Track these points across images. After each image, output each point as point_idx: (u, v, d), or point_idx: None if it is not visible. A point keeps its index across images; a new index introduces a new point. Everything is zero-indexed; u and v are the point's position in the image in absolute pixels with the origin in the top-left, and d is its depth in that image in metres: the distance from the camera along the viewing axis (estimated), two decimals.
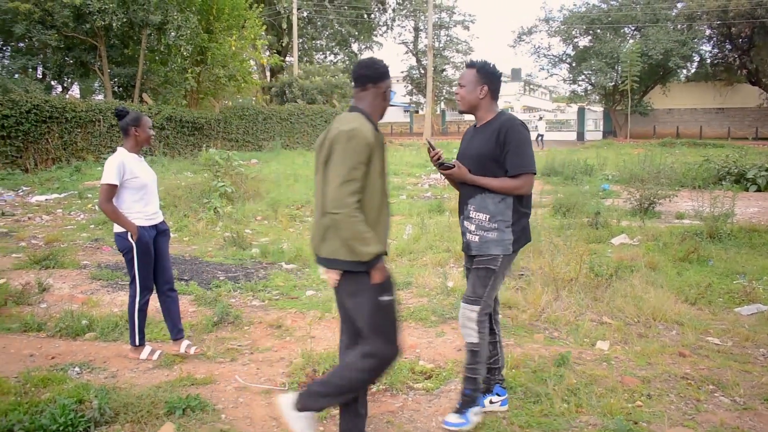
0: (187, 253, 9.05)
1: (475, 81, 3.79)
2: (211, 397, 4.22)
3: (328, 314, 6.06)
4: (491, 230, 3.71)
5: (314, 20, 45.54)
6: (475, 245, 3.78)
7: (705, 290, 6.58)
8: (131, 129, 4.92)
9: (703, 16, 38.62)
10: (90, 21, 22.40)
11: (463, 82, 3.85)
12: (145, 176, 4.92)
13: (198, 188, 12.91)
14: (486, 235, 3.72)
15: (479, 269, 3.76)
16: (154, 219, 4.98)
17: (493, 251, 3.71)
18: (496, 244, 3.70)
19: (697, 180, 13.97)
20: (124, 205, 4.81)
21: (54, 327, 5.63)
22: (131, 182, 4.80)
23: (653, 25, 39.02)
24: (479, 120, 3.90)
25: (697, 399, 4.17)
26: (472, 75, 3.81)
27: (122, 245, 4.84)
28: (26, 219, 11.88)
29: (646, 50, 36.47)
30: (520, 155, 3.66)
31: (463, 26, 52.46)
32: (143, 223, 4.85)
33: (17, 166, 18.07)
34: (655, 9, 40.15)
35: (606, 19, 41.17)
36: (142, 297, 4.91)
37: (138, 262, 4.83)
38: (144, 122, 4.97)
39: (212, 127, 25.67)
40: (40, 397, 4.09)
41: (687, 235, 8.91)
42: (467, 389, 3.80)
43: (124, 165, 4.78)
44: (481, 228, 3.75)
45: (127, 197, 4.81)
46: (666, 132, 42.63)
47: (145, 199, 4.89)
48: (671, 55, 37.13)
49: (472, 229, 3.79)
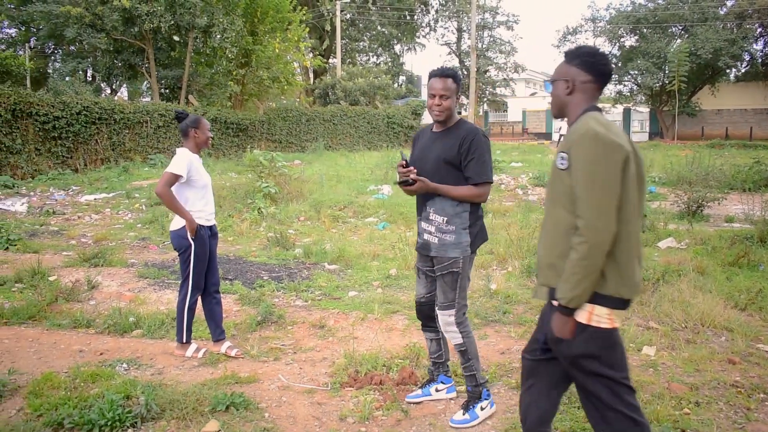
0: (231, 252, 9.16)
1: (455, 90, 3.87)
2: (255, 396, 4.26)
3: (371, 315, 6.08)
4: (449, 233, 3.83)
5: (357, 22, 45.72)
6: (434, 246, 3.88)
7: (755, 296, 6.40)
8: (191, 131, 5.00)
9: (753, 14, 37.65)
10: (138, 24, 22.83)
11: (449, 93, 3.86)
12: (205, 176, 5.09)
13: (242, 189, 13.06)
14: (444, 238, 3.84)
15: (444, 275, 3.87)
16: (211, 220, 5.13)
17: (452, 254, 3.83)
18: (454, 247, 3.83)
19: (747, 182, 13.65)
20: (188, 203, 4.92)
21: (102, 324, 5.76)
22: (196, 181, 4.93)
23: (701, 24, 38.19)
24: (441, 125, 3.97)
25: (747, 407, 4.07)
26: (452, 84, 3.86)
27: (179, 243, 4.93)
28: (76, 218, 12.18)
29: (695, 50, 35.69)
30: (483, 164, 3.78)
31: (507, 27, 51.99)
32: (203, 223, 4.98)
33: (67, 167, 18.49)
34: (703, 7, 39.27)
35: (653, 18, 40.42)
36: (192, 296, 5.01)
37: (194, 260, 4.94)
38: (203, 124, 5.06)
39: (256, 128, 25.93)
40: (88, 392, 4.19)
41: (737, 239, 8.69)
42: (468, 386, 4.00)
43: (192, 161, 4.91)
44: (439, 230, 3.85)
45: (191, 195, 4.93)
46: (715, 133, 41.65)
47: (205, 199, 5.03)
48: (720, 55, 36.26)
49: (431, 230, 3.89)
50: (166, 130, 21.45)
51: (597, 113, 2.70)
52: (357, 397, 4.28)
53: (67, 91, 19.57)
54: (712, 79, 40.47)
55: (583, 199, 2.53)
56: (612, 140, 2.54)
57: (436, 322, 4.11)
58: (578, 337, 2.63)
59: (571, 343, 2.64)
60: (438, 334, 4.21)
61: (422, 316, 4.22)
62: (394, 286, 7.26)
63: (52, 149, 18.21)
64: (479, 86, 49.00)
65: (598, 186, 2.51)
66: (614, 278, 2.59)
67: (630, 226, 2.59)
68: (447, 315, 3.90)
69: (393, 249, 8.76)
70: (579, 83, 2.78)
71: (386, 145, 31.37)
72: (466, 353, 3.93)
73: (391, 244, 9.06)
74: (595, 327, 2.61)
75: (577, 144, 2.59)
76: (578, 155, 2.57)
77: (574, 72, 2.79)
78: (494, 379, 4.57)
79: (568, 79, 2.80)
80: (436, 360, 4.30)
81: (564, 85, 2.81)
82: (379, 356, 4.86)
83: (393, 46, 51.12)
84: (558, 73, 2.86)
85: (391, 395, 4.23)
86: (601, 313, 2.60)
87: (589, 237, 2.50)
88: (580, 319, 2.62)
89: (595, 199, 2.51)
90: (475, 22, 39.46)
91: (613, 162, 2.53)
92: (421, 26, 51.39)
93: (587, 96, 2.79)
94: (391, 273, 7.71)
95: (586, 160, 2.54)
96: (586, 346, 2.63)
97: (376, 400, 4.20)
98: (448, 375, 4.33)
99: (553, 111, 2.94)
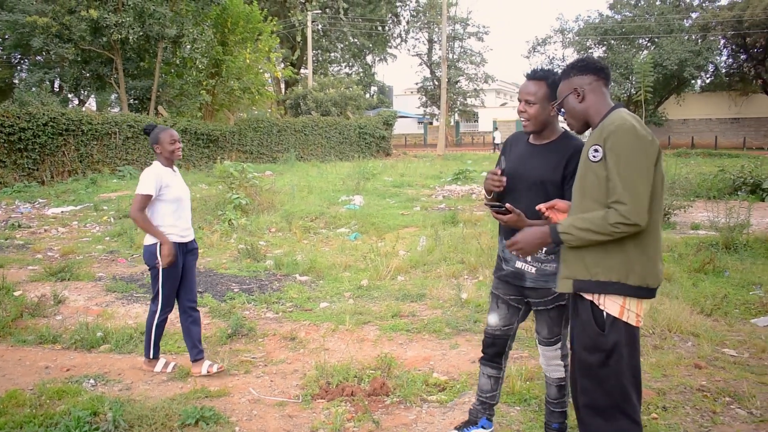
0: (201, 265, 9.08)
1: (545, 96, 3.33)
2: (225, 410, 4.23)
3: (342, 326, 6.06)
4: (549, 262, 3.37)
5: (328, 33, 45.77)
6: (532, 277, 3.42)
7: (721, 301, 6.52)
8: (154, 146, 4.84)
9: (717, 26, 38.52)
10: (107, 34, 22.64)
11: (534, 98, 3.35)
12: (179, 189, 4.87)
13: (213, 200, 12.97)
14: (544, 268, 3.39)
15: (549, 310, 3.43)
16: (186, 236, 4.92)
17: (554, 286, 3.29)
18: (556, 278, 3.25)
19: (713, 190, 13.87)
20: (158, 218, 4.75)
21: (69, 339, 5.66)
22: (165, 194, 4.75)
23: (667, 36, 38.94)
24: (539, 137, 3.46)
25: (713, 411, 4.13)
26: (544, 89, 3.35)
27: (150, 259, 4.78)
28: (42, 231, 11.98)
29: (661, 60, 36.36)
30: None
31: (477, 38, 52.55)
32: (175, 239, 4.78)
33: (34, 179, 18.23)
34: (668, 20, 40.11)
35: (620, 30, 41.10)
36: (162, 314, 4.87)
37: (163, 278, 4.78)
38: (162, 138, 4.81)
39: (227, 139, 25.81)
40: (55, 409, 4.12)
41: (702, 245, 8.83)
42: (555, 423, 3.64)
43: (161, 177, 4.74)
44: (536, 259, 3.40)
45: (161, 209, 4.76)
46: (681, 142, 42.47)
47: (177, 213, 4.83)
48: (686, 66, 37.05)
49: (526, 258, 3.41)
50: (135, 141, 21.26)
51: (626, 109, 2.82)
52: (328, 409, 4.26)
53: (33, 102, 19.32)
54: (678, 90, 41.31)
55: (622, 185, 2.61)
56: (647, 134, 2.69)
57: (503, 359, 3.71)
58: (609, 330, 2.75)
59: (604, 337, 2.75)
60: (500, 372, 3.72)
61: (492, 350, 3.69)
62: (366, 296, 7.26)
63: (17, 161, 17.94)
64: (450, 96, 49.30)
65: (637, 174, 2.61)
66: (641, 268, 2.71)
67: (657, 217, 2.72)
68: (553, 350, 3.50)
69: (364, 260, 8.75)
70: (587, 87, 2.90)
71: (358, 156, 31.42)
72: (564, 388, 3.56)
73: (363, 254, 9.05)
74: (624, 322, 2.74)
75: (614, 135, 2.68)
76: (616, 144, 2.66)
77: (577, 81, 2.92)
78: (465, 387, 4.58)
79: (576, 88, 2.91)
80: (486, 400, 3.75)
81: (575, 96, 2.93)
82: (351, 367, 4.85)
83: (365, 56, 51.31)
84: (563, 91, 2.99)
85: (363, 406, 4.22)
86: (631, 307, 2.73)
87: (628, 215, 2.59)
88: (611, 312, 2.73)
89: (634, 184, 2.60)
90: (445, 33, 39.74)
91: (649, 154, 2.65)
92: (392, 37, 51.69)
93: (600, 95, 2.91)
94: (362, 284, 7.70)
95: (627, 148, 2.64)
96: (618, 339, 2.75)
97: (348, 412, 4.19)
98: (491, 419, 3.77)
99: (577, 127, 3.02)
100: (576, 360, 2.89)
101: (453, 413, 4.19)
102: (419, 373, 4.79)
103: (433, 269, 8.33)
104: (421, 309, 6.70)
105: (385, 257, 8.68)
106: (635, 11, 42.90)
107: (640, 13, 41.78)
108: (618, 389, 2.77)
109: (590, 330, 2.78)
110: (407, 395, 4.38)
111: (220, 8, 25.05)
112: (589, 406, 2.84)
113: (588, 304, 2.79)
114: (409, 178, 20.35)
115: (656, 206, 2.70)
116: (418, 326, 6.00)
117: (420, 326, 6.00)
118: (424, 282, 7.70)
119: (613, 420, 2.78)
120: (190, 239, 4.98)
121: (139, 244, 10.24)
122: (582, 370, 2.85)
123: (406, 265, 8.45)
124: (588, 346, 2.80)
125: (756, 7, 35.52)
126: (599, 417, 2.81)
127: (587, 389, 2.84)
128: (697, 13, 42.64)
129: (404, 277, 8.07)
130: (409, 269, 8.36)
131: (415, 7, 51.33)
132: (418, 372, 4.84)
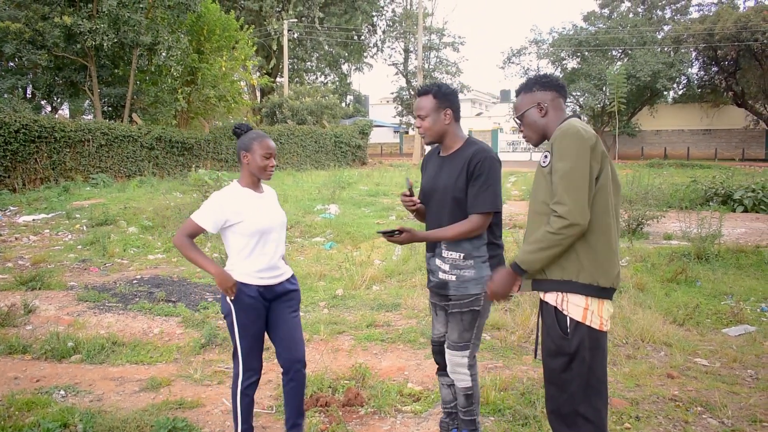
0: (175, 274, 9.01)
1: (433, 107, 3.49)
2: (198, 421, 4.18)
3: (317, 336, 6.03)
4: (467, 268, 3.47)
5: (304, 42, 45.73)
6: (453, 285, 3.52)
7: (693, 311, 6.61)
8: (241, 154, 3.62)
9: (689, 39, 39.14)
10: (80, 41, 22.39)
11: (424, 111, 3.50)
12: (262, 220, 3.59)
13: (187, 209, 12.85)
14: (463, 274, 3.48)
15: (463, 313, 3.50)
16: (271, 277, 3.65)
17: (473, 290, 3.47)
18: (475, 283, 3.47)
19: (685, 201, 14.06)
20: (230, 252, 3.65)
21: (39, 349, 5.57)
22: (238, 228, 3.56)
23: (640, 48, 39.49)
24: (446, 149, 3.60)
25: (685, 421, 4.17)
26: (430, 101, 3.49)
27: (222, 306, 3.69)
28: (13, 239, 11.79)
29: (634, 72, 36.83)
30: (486, 190, 3.37)
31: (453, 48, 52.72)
32: (250, 281, 3.57)
33: (5, 186, 17.94)
34: (642, 32, 40.68)
35: (594, 42, 41.58)
36: (245, 377, 3.61)
37: (239, 332, 3.60)
38: (254, 148, 3.58)
39: (202, 147, 25.64)
40: (24, 420, 4.05)
41: (675, 256, 8.95)
42: (465, 429, 3.67)
43: (228, 207, 3.54)
44: (456, 267, 3.50)
45: (234, 243, 3.61)
46: (654, 153, 43.02)
47: (259, 249, 3.59)
48: (658, 77, 37.56)
49: (446, 268, 3.52)
50: (109, 148, 21.04)
51: (577, 119, 2.90)
52: None
53: (4, 109, 18.96)
54: (651, 101, 41.85)
55: (562, 186, 2.70)
56: (591, 137, 2.77)
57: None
58: (572, 334, 2.80)
59: (567, 341, 2.80)
60: None
61: (441, 358, 3.75)
62: (341, 306, 7.24)
63: None
64: None
65: (578, 174, 2.69)
66: (591, 267, 2.77)
67: (609, 218, 2.79)
68: (460, 356, 3.53)
69: (340, 269, 8.74)
70: (549, 102, 2.99)
71: (333, 165, 31.40)
72: (472, 397, 3.60)
73: (338, 264, 9.03)
74: (588, 326, 2.79)
75: (558, 138, 2.80)
76: (559, 147, 2.77)
77: (540, 96, 3.01)
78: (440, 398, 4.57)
79: (539, 102, 2.99)
80: (451, 410, 3.84)
81: (537, 110, 3.01)
82: (325, 378, 4.83)
83: (340, 65, 51.26)
84: (525, 104, 3.05)
85: (337, 417, 4.20)
86: (593, 308, 2.78)
87: (566, 215, 2.68)
88: (574, 316, 2.79)
89: (575, 185, 2.69)
90: (421, 43, 39.96)
91: (590, 155, 2.73)
92: (368, 46, 51.73)
93: (561, 111, 3.02)
94: (337, 293, 7.68)
95: (568, 149, 2.74)
96: (580, 343, 2.79)
97: (322, 422, 4.17)
98: (461, 429, 3.73)
99: (534, 140, 3.09)
100: (543, 367, 2.96)
101: (427, 423, 4.18)
102: (394, 384, 4.78)
103: (409, 279, 8.33)
104: (396, 318, 6.69)
105: (361, 266, 8.67)
106: (609, 23, 43.46)
107: (614, 25, 42.33)
108: (581, 395, 2.81)
109: (554, 334, 2.84)
110: (382, 405, 4.37)
111: (195, 16, 24.92)
112: (555, 412, 2.89)
113: (552, 310, 2.86)
114: (385, 187, 20.37)
115: (605, 207, 2.78)
116: (392, 336, 6.00)
117: (395, 336, 5.99)
118: (399, 291, 7.70)
119: (575, 426, 2.81)
120: (278, 281, 3.69)
121: (112, 253, 10.15)
122: (547, 376, 2.92)
123: (382, 274, 8.45)
124: (552, 351, 2.86)
125: (726, 21, 36.14)
126: (563, 423, 2.85)
127: (553, 395, 2.89)
128: (669, 26, 43.35)
129: (379, 286, 8.06)
130: (384, 278, 8.36)
131: (391, 17, 51.51)
132: (392, 382, 4.83)
